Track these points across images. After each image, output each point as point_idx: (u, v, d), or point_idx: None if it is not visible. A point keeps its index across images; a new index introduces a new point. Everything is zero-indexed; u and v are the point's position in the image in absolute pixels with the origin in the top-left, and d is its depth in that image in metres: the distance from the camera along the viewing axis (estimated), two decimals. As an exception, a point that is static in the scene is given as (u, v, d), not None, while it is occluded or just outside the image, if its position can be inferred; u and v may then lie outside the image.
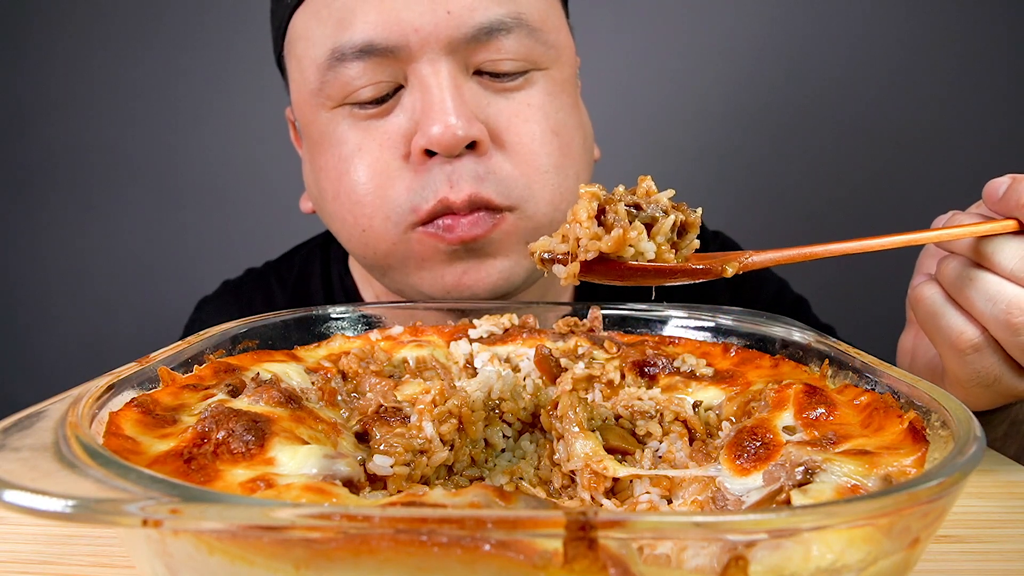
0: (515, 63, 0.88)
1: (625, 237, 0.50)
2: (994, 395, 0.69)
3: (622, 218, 0.51)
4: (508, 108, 0.89)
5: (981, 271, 0.66)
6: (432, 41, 0.84)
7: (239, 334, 0.70)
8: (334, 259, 1.21)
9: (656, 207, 0.54)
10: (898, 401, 0.53)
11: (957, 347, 0.67)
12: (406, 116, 0.87)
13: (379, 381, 0.65)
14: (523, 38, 0.87)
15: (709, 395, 0.64)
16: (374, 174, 0.88)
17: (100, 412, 0.49)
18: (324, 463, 0.45)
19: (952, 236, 0.65)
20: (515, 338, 0.78)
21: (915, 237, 0.65)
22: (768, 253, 0.61)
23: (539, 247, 0.54)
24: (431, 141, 0.83)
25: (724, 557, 0.33)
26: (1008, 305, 0.63)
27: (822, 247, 0.62)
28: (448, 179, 0.85)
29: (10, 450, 0.38)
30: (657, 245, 0.53)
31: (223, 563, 0.34)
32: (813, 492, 0.41)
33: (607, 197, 0.53)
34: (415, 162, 0.87)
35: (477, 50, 0.86)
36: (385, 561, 0.31)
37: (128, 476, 0.35)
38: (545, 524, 0.31)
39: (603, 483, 0.51)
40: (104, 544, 0.53)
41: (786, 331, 0.71)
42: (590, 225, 0.51)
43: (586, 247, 0.51)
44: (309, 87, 0.90)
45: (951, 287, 0.68)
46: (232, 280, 1.26)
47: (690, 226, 0.56)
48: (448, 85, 0.84)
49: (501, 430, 0.61)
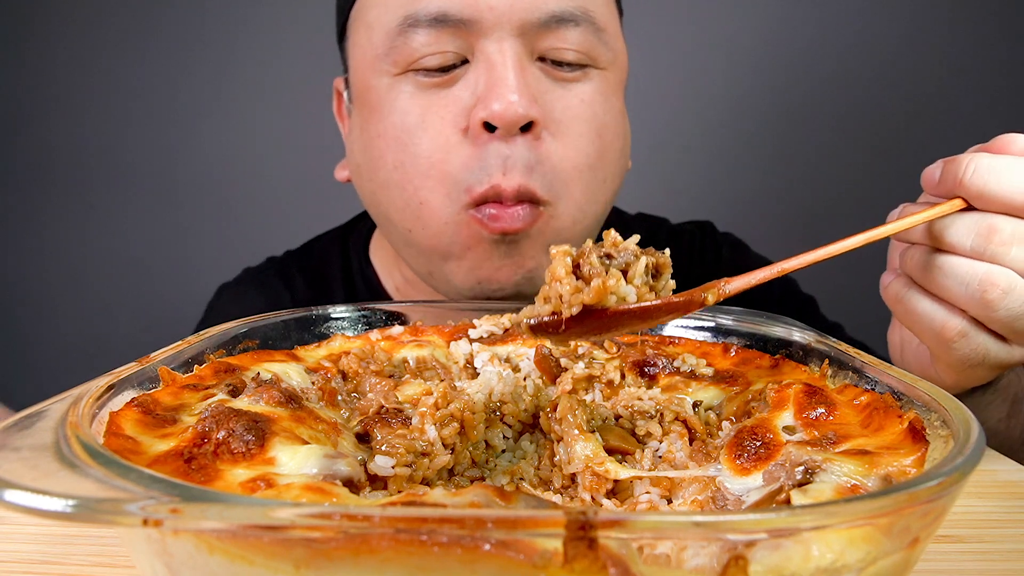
0: (577, 55, 0.91)
1: (605, 285, 0.51)
2: (986, 370, 0.70)
3: (597, 267, 0.53)
4: (563, 98, 0.91)
5: (945, 255, 0.66)
6: (504, 20, 0.87)
7: (239, 334, 0.70)
8: (353, 250, 1.21)
9: (627, 253, 0.55)
10: (898, 401, 0.53)
11: (943, 337, 0.68)
12: (469, 91, 0.89)
13: (379, 381, 0.65)
14: (588, 34, 0.91)
15: (709, 395, 0.64)
16: (435, 147, 0.90)
17: (100, 412, 0.49)
18: (324, 463, 0.45)
19: (906, 226, 0.66)
20: (515, 338, 0.78)
21: (872, 235, 0.65)
22: (742, 278, 0.62)
23: (525, 315, 0.54)
24: (492, 115, 0.85)
25: (724, 557, 0.33)
26: (980, 283, 0.64)
27: (790, 261, 0.64)
28: (503, 164, 0.87)
29: (10, 450, 0.38)
30: (636, 288, 0.54)
31: (223, 563, 0.34)
32: (813, 492, 0.41)
33: (579, 251, 0.54)
34: (473, 136, 0.88)
35: (544, 36, 0.89)
36: (385, 561, 0.31)
37: (128, 476, 0.35)
38: (545, 524, 0.31)
39: (604, 485, 0.51)
40: (105, 544, 0.53)
41: (786, 331, 0.72)
42: (570, 280, 0.52)
43: (569, 302, 0.52)
44: (375, 52, 0.92)
45: (920, 278, 0.69)
46: (253, 268, 1.26)
47: (662, 267, 0.57)
48: (513, 64, 0.87)
49: (501, 431, 0.61)
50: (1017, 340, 0.67)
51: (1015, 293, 0.63)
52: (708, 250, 1.27)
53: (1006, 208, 0.63)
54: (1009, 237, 0.63)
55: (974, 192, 0.63)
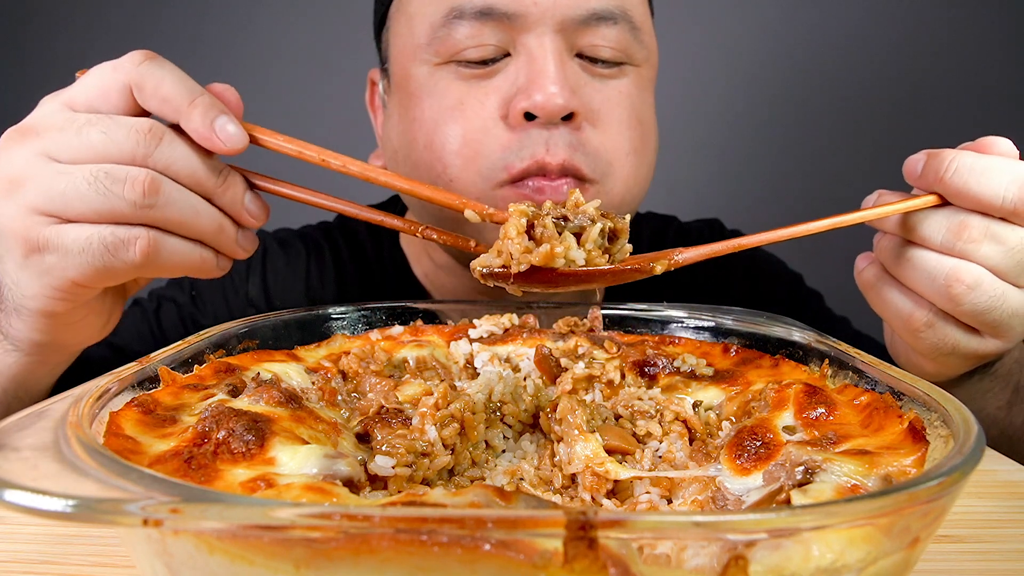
0: (614, 52, 0.93)
1: (552, 251, 0.55)
2: (959, 360, 0.72)
3: (550, 230, 0.56)
4: (602, 92, 0.93)
5: (914, 248, 0.68)
6: (547, 16, 0.88)
7: (239, 334, 0.70)
8: (385, 233, 1.21)
9: (584, 216, 0.58)
10: (898, 401, 0.53)
11: (910, 327, 0.70)
12: (509, 82, 0.90)
13: (379, 381, 0.65)
14: (625, 32, 0.93)
15: (709, 395, 0.64)
16: (471, 128, 0.91)
17: (100, 412, 0.49)
18: (324, 463, 0.45)
19: (877, 215, 0.67)
20: (515, 338, 0.78)
21: (842, 220, 0.67)
22: (695, 249, 0.65)
23: (479, 263, 0.58)
24: (534, 105, 0.86)
25: (724, 557, 0.33)
26: (946, 278, 0.65)
27: (749, 238, 0.66)
28: (546, 143, 0.88)
29: (10, 450, 0.38)
30: (587, 252, 0.57)
31: (223, 563, 0.34)
32: (813, 492, 0.41)
33: (535, 213, 0.57)
34: (512, 123, 0.89)
35: (584, 33, 0.90)
36: (385, 561, 0.31)
37: (128, 476, 0.35)
38: (545, 524, 0.31)
39: (604, 485, 0.51)
40: (105, 544, 0.53)
41: (786, 331, 0.72)
42: (520, 240, 0.56)
43: (519, 260, 0.55)
44: (417, 42, 0.93)
45: (891, 267, 0.71)
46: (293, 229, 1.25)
47: (620, 232, 0.59)
48: (554, 59, 0.88)
49: (501, 431, 0.61)
50: (989, 332, 0.68)
51: (980, 288, 0.65)
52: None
53: (981, 208, 0.64)
54: (979, 235, 0.64)
55: (952, 190, 0.65)
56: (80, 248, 0.61)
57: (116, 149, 0.61)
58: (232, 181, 0.67)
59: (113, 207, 0.61)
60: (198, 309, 1.12)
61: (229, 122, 0.64)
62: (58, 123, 0.62)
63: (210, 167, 0.65)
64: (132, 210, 0.61)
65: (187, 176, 0.64)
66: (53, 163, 0.62)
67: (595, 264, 0.57)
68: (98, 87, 0.64)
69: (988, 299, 0.65)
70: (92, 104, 0.64)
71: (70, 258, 0.62)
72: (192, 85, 0.65)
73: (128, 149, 0.61)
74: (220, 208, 0.67)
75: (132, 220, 0.62)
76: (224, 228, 0.67)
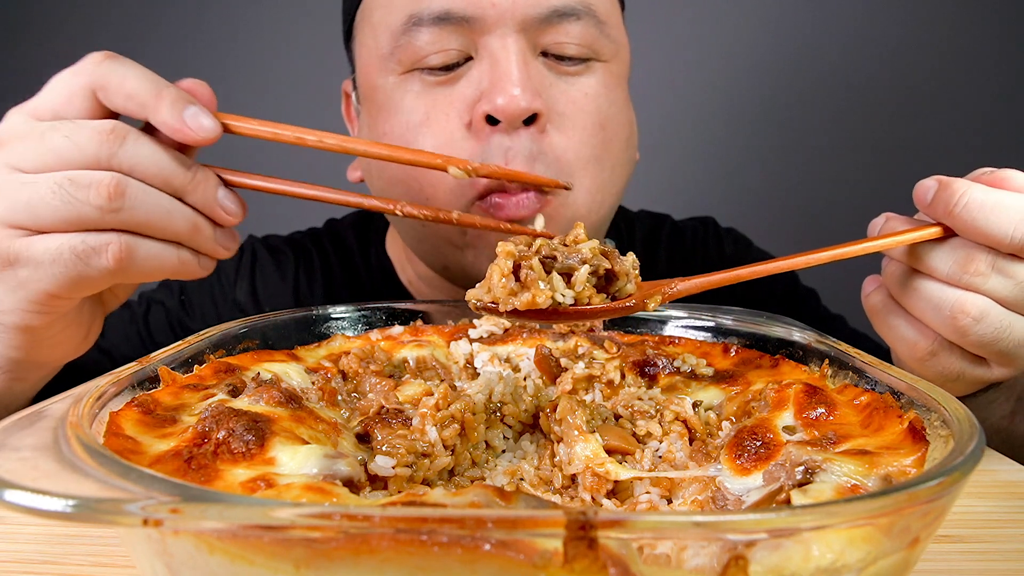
0: (579, 48, 0.92)
1: (534, 299, 0.56)
2: (964, 385, 0.71)
3: (536, 273, 0.56)
4: (567, 92, 0.92)
5: (921, 278, 0.67)
6: (507, 16, 0.87)
7: (239, 334, 0.70)
8: (372, 240, 1.21)
9: (575, 257, 0.58)
10: (898, 401, 0.53)
11: (914, 355, 0.69)
12: (473, 87, 0.90)
13: (379, 381, 0.65)
14: (590, 27, 0.91)
15: (709, 395, 0.64)
16: (439, 143, 0.90)
17: (100, 412, 0.49)
18: (324, 463, 0.45)
19: (882, 247, 0.66)
20: (515, 338, 0.78)
21: (845, 251, 0.66)
22: (692, 280, 0.65)
23: (471, 296, 0.59)
24: (495, 108, 0.86)
25: (724, 557, 0.33)
26: (952, 310, 0.64)
27: (746, 268, 0.67)
28: (504, 154, 0.88)
29: (10, 450, 0.38)
30: (577, 292, 0.57)
31: (223, 563, 0.34)
32: (813, 492, 0.41)
33: (523, 253, 0.58)
34: (476, 130, 0.89)
35: (546, 31, 0.90)
36: (385, 561, 0.31)
37: (129, 476, 0.35)
38: (545, 524, 0.31)
39: (605, 486, 0.51)
40: (105, 544, 0.53)
41: (786, 331, 0.72)
42: (505, 283, 0.57)
43: (504, 302, 0.57)
44: (380, 52, 0.93)
45: (897, 294, 0.70)
46: (281, 235, 1.25)
47: (619, 274, 0.60)
48: (517, 60, 0.87)
49: (501, 432, 0.61)
50: (995, 361, 0.67)
51: (987, 320, 0.64)
52: (711, 246, 1.28)
53: (989, 243, 0.63)
54: (986, 268, 0.63)
55: (960, 225, 0.64)
56: (51, 259, 0.60)
57: (79, 153, 0.60)
58: (203, 177, 0.66)
59: (80, 214, 0.59)
60: (187, 313, 1.13)
61: (200, 112, 0.63)
62: (21, 133, 0.61)
63: (179, 164, 0.64)
64: (100, 215, 0.60)
65: (155, 175, 0.62)
66: (18, 174, 0.60)
67: (588, 303, 0.58)
68: (60, 93, 0.62)
69: (994, 330, 0.64)
70: (57, 111, 0.62)
71: (42, 270, 0.61)
72: (157, 79, 0.63)
73: (91, 152, 0.60)
74: (193, 207, 0.66)
75: (102, 226, 0.61)
76: (199, 227, 0.66)
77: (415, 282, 1.15)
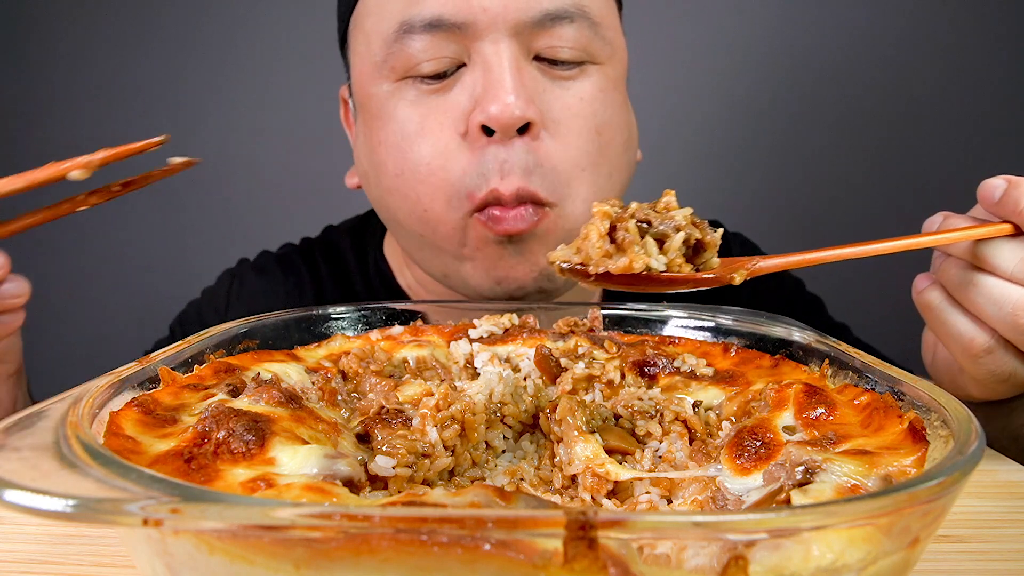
0: (574, 52, 0.91)
1: (631, 264, 0.53)
2: (1011, 387, 0.71)
3: (632, 235, 0.54)
4: (562, 97, 0.91)
5: (982, 274, 0.67)
6: (499, 22, 0.86)
7: (239, 334, 0.70)
8: (370, 244, 1.21)
9: (670, 224, 0.56)
10: (898, 401, 0.53)
11: (969, 352, 0.68)
12: (466, 94, 0.89)
13: (380, 381, 0.65)
14: (584, 29, 0.90)
15: (709, 395, 0.64)
16: (435, 154, 0.90)
17: (100, 412, 0.49)
18: (324, 463, 0.45)
19: (949, 240, 0.66)
20: (515, 338, 0.78)
21: (915, 242, 0.66)
22: (775, 258, 0.63)
23: (557, 257, 0.57)
24: (489, 118, 0.85)
25: (724, 557, 0.33)
26: (1014, 308, 0.64)
27: (827, 252, 0.64)
28: (500, 168, 0.87)
29: (11, 450, 0.38)
30: (669, 260, 0.56)
31: (223, 563, 0.34)
32: (813, 492, 0.41)
33: (619, 215, 0.56)
34: (472, 140, 0.88)
35: (540, 35, 0.89)
36: (385, 561, 0.31)
37: (129, 476, 0.35)
38: (545, 524, 0.31)
39: (605, 486, 0.51)
40: (105, 544, 0.53)
41: (786, 331, 0.72)
42: (601, 244, 0.54)
43: (596, 264, 0.54)
44: (374, 59, 0.92)
45: (954, 290, 0.69)
46: (272, 252, 1.25)
47: (708, 245, 0.58)
48: (510, 66, 0.87)
49: (502, 432, 0.61)
50: None
51: None
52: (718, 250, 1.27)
53: None
54: None
55: None
56: None
57: None
58: None
59: None
60: None
61: None
62: None
63: None
64: None
65: None
66: None
67: (677, 271, 0.57)
68: None
69: None
70: None
71: None
72: None
73: None
74: None
75: None
76: None
77: (414, 286, 1.14)
